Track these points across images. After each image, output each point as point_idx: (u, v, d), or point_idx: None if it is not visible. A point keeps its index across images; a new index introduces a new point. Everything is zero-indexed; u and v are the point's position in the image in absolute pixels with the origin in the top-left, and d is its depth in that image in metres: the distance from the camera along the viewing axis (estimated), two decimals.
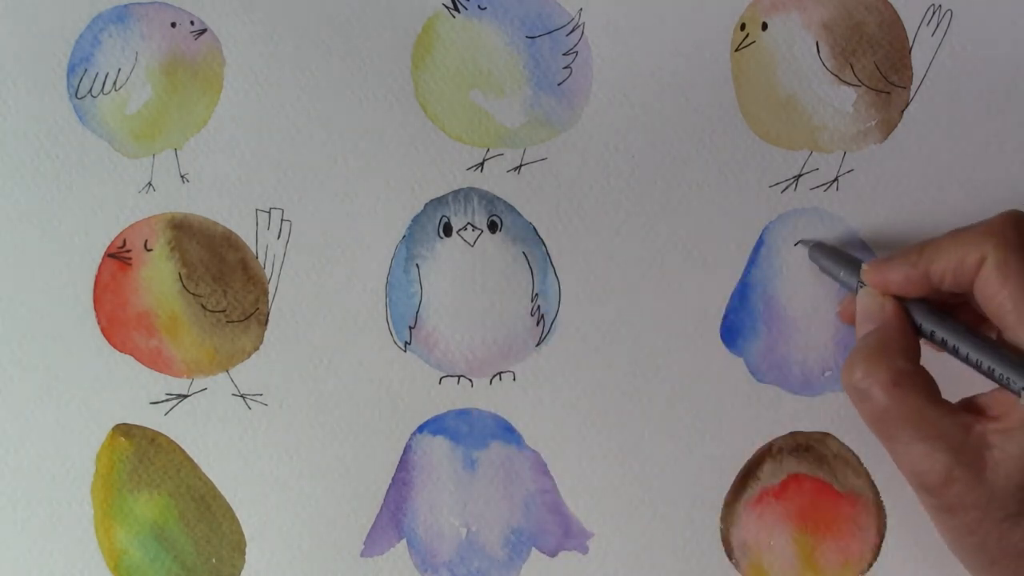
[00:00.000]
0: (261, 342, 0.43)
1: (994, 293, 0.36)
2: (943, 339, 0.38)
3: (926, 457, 0.36)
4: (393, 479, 0.43)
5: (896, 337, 0.38)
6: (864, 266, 0.40)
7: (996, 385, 0.36)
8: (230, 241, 0.44)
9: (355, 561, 0.43)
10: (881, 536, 0.43)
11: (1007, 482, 0.35)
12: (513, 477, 0.44)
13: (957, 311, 0.40)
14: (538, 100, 0.44)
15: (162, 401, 0.43)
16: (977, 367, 0.37)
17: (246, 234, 0.44)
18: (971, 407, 0.37)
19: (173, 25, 0.44)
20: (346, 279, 0.43)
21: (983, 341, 0.37)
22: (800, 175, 0.44)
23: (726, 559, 0.44)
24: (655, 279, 0.44)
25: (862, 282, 0.40)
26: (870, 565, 0.44)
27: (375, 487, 0.43)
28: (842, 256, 0.41)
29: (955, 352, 0.37)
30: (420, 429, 0.43)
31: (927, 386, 0.37)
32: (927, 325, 0.38)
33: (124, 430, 0.43)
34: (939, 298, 0.39)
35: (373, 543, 0.43)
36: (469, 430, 0.44)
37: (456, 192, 0.44)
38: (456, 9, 0.44)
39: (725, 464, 0.43)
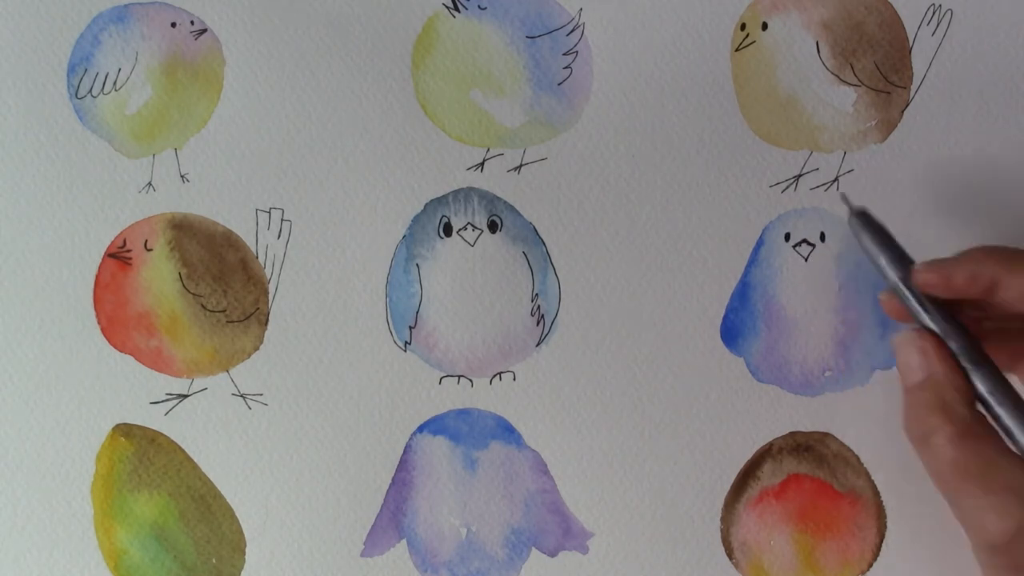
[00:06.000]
0: (261, 342, 0.43)
1: None
2: (987, 399, 0.36)
3: (995, 511, 0.34)
4: (393, 479, 0.43)
5: (953, 385, 0.36)
6: (917, 266, 0.37)
7: None
8: (230, 241, 0.44)
9: (355, 561, 0.43)
10: (881, 536, 0.43)
11: None
12: (513, 477, 0.44)
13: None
14: (538, 100, 0.44)
15: (162, 401, 0.43)
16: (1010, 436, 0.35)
17: (246, 234, 0.44)
18: None
19: (173, 25, 0.44)
20: (346, 279, 0.43)
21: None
22: (800, 175, 0.44)
23: (726, 559, 0.44)
24: (655, 279, 0.44)
25: (902, 282, 0.37)
26: (870, 565, 0.44)
27: (375, 487, 0.43)
28: (889, 245, 0.38)
29: (989, 408, 0.36)
30: (420, 429, 0.43)
31: (993, 436, 0.35)
32: (972, 376, 0.36)
33: (124, 430, 0.43)
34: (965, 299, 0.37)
35: (373, 543, 0.43)
36: (469, 430, 0.44)
37: (456, 192, 0.44)
38: (456, 9, 0.44)
39: (725, 464, 0.44)
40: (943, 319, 0.37)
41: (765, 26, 0.44)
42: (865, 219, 0.38)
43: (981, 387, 0.36)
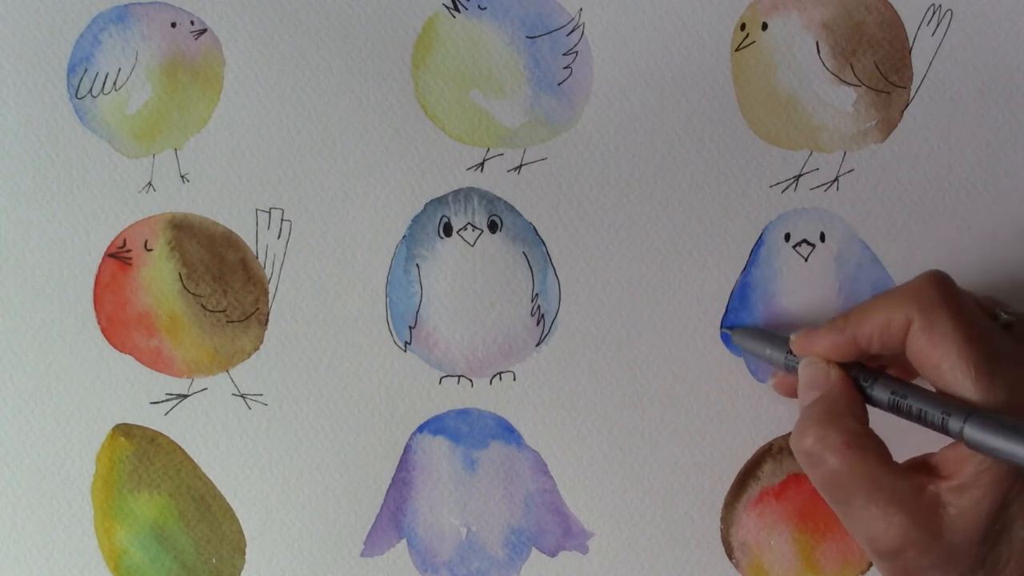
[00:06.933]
0: (261, 342, 0.43)
1: (926, 356, 0.36)
2: (891, 398, 0.37)
3: (881, 521, 0.35)
4: (393, 479, 0.43)
5: (845, 401, 0.37)
6: (792, 337, 0.39)
7: (944, 444, 0.36)
8: (230, 241, 0.44)
9: (355, 561, 0.43)
10: None
11: (964, 538, 0.35)
12: (513, 477, 0.44)
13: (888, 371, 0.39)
14: (538, 100, 0.44)
15: (162, 401, 0.43)
16: (923, 419, 0.36)
17: (246, 234, 0.44)
18: (921, 468, 0.36)
19: (173, 25, 0.44)
20: (346, 279, 0.43)
21: (925, 393, 0.36)
22: (800, 175, 0.44)
23: (726, 559, 0.44)
24: (655, 279, 0.44)
25: (791, 354, 0.39)
26: (870, 565, 0.44)
27: (375, 487, 0.43)
28: (766, 335, 0.41)
29: (899, 408, 0.37)
30: (420, 429, 0.44)
31: (879, 449, 0.36)
32: (872, 388, 0.37)
33: (124, 430, 0.43)
34: (869, 362, 0.39)
35: (373, 543, 0.43)
36: (469, 430, 0.44)
37: (456, 192, 0.44)
38: (456, 9, 0.44)
39: (725, 464, 0.44)
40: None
41: (765, 26, 0.44)
42: (741, 330, 0.42)
43: (884, 395, 0.37)
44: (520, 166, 0.44)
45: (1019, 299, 0.43)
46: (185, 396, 0.43)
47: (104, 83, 0.43)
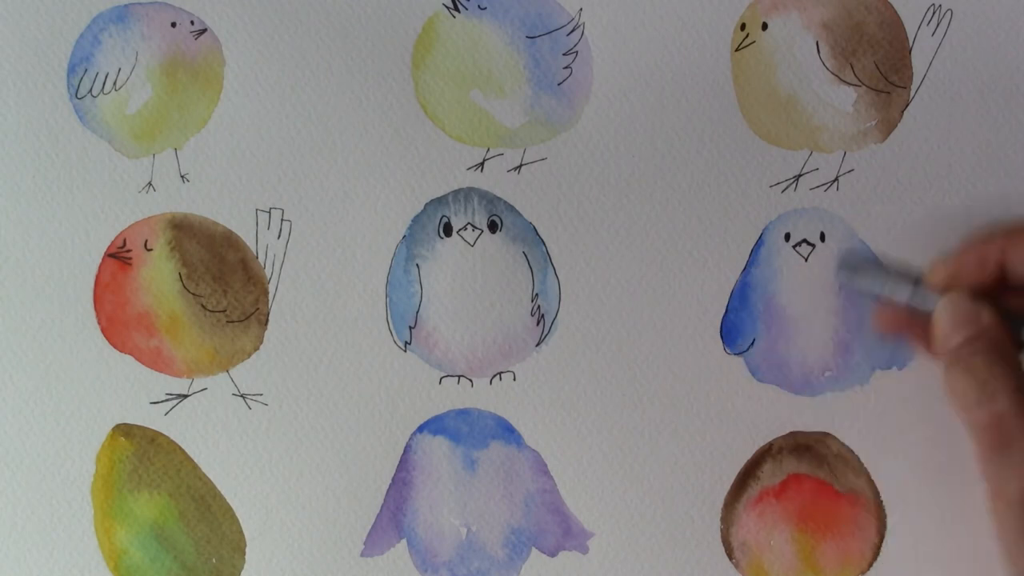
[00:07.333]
0: (261, 342, 0.43)
1: None
2: None
3: None
4: (393, 479, 0.43)
5: (1007, 344, 0.36)
6: (932, 266, 0.38)
7: None
8: (230, 241, 0.44)
9: (355, 561, 0.43)
10: (881, 536, 0.43)
11: None
12: (513, 477, 0.44)
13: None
14: (538, 100, 0.44)
15: (162, 401, 0.43)
16: None
17: (246, 234, 0.44)
18: None
19: (173, 25, 0.44)
20: (346, 279, 0.43)
21: None
22: (800, 175, 0.44)
23: (726, 559, 0.44)
24: (655, 279, 0.44)
25: (918, 284, 0.38)
26: (870, 565, 0.44)
27: (375, 487, 0.43)
28: (882, 269, 0.40)
29: None
30: (420, 429, 0.44)
31: None
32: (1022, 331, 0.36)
33: (124, 430, 0.43)
34: (1009, 300, 0.38)
35: (373, 543, 0.43)
36: (469, 430, 0.44)
37: (456, 192, 0.44)
38: (456, 9, 0.44)
39: (725, 464, 0.44)
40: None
41: (765, 26, 0.44)
42: (853, 263, 0.41)
43: None
44: (520, 166, 0.44)
45: None
46: (185, 396, 0.43)
47: (104, 83, 0.44)
